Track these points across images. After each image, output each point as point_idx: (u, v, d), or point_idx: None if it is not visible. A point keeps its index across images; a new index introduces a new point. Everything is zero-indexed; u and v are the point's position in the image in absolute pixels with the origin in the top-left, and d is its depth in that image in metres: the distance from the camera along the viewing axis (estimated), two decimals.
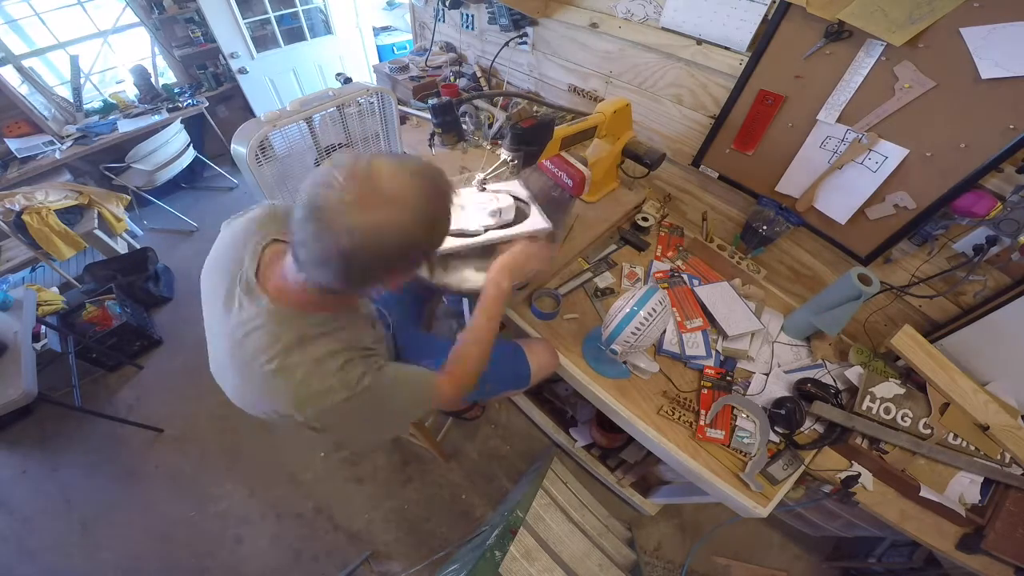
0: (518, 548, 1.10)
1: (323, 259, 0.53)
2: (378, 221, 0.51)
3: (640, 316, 0.87)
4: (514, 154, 0.97)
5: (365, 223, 0.51)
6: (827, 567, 1.58)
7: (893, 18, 0.83)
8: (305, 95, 1.51)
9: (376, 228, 0.51)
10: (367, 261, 0.53)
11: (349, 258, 0.52)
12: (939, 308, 1.09)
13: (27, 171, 2.54)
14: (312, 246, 0.53)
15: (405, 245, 0.54)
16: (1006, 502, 0.93)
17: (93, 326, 2.13)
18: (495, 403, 1.99)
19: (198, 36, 3.13)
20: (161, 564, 1.64)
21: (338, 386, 0.61)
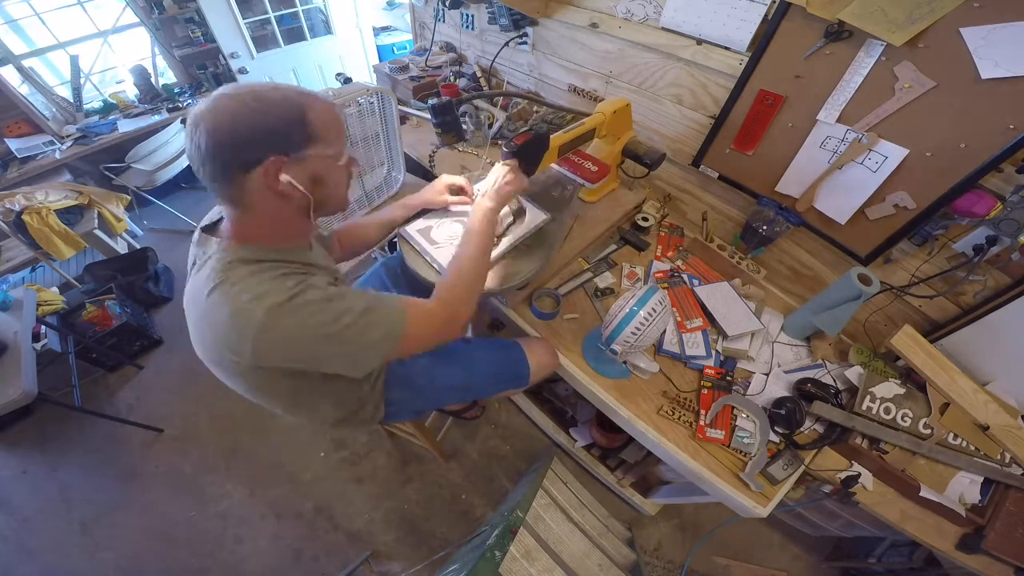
0: (518, 548, 1.10)
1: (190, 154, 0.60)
2: (214, 105, 0.58)
3: (640, 316, 0.87)
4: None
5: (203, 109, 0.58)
6: (827, 567, 1.58)
7: (893, 18, 0.83)
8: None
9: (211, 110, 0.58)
10: (208, 141, 0.58)
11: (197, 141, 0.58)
12: (939, 308, 1.09)
13: (27, 171, 2.55)
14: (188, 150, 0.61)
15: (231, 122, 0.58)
16: (1006, 502, 0.93)
17: (93, 326, 2.13)
18: (495, 403, 1.99)
19: (198, 36, 3.13)
20: (161, 564, 1.64)
21: (272, 289, 0.61)
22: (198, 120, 0.58)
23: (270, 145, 0.61)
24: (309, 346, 0.64)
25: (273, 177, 0.62)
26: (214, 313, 0.62)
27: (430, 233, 1.09)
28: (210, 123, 0.57)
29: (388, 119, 1.37)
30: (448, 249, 1.05)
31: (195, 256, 0.71)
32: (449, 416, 1.81)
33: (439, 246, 1.05)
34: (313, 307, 0.63)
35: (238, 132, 0.58)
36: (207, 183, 0.62)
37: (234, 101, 0.59)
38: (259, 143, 0.60)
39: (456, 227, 1.11)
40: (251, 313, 0.60)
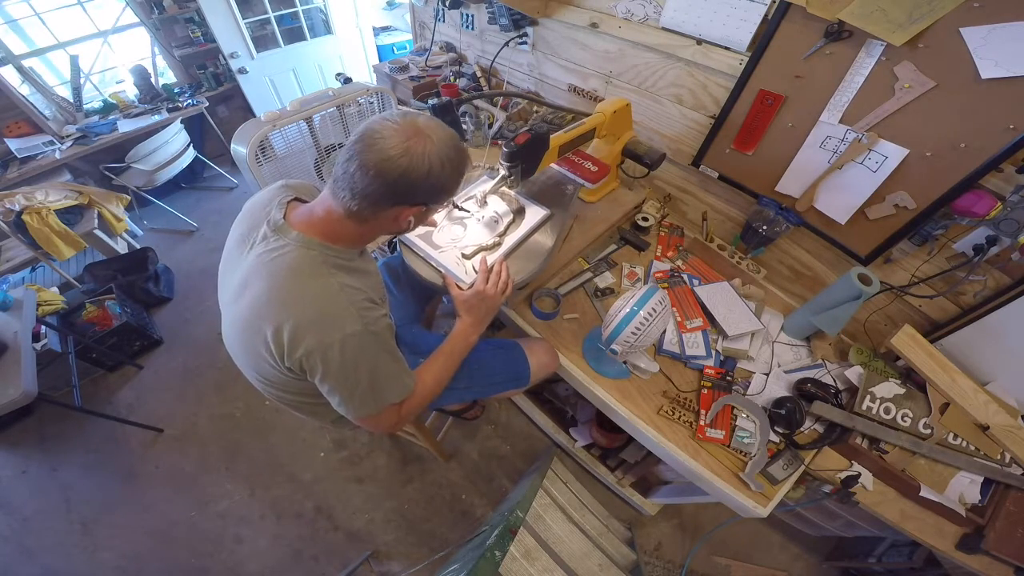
0: (518, 548, 1.10)
1: (357, 169, 0.63)
2: (412, 147, 0.63)
3: (640, 316, 0.87)
4: (511, 169, 0.99)
5: (403, 145, 0.63)
6: (827, 567, 1.58)
7: (893, 18, 0.83)
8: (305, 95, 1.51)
9: (408, 151, 0.63)
10: (391, 177, 0.63)
11: (380, 170, 0.62)
12: (939, 308, 1.09)
13: (27, 171, 2.54)
14: (353, 158, 0.64)
15: (422, 174, 0.64)
16: (1006, 502, 0.93)
17: (93, 326, 2.13)
18: (495, 403, 1.99)
19: (198, 36, 3.13)
20: (161, 564, 1.64)
21: (356, 316, 0.68)
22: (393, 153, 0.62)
23: (431, 198, 0.70)
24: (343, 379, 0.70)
25: (405, 215, 0.70)
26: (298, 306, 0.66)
27: (431, 237, 1.09)
28: (405, 164, 0.62)
29: None
30: (451, 252, 1.05)
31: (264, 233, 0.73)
32: (449, 416, 1.81)
33: (442, 250, 1.06)
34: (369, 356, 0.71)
35: (421, 183, 0.65)
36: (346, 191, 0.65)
37: (430, 153, 0.64)
38: (426, 195, 0.68)
39: (457, 229, 1.11)
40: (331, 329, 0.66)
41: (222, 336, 0.82)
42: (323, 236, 0.71)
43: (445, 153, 0.66)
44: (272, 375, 0.75)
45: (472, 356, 1.09)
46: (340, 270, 0.71)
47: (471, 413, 1.91)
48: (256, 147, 1.38)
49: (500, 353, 1.09)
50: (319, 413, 0.91)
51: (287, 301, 0.67)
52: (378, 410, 0.76)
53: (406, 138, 0.63)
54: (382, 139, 0.62)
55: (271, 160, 1.46)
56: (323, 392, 0.74)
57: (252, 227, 0.76)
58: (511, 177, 1.00)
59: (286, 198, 0.78)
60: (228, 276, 0.79)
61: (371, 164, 0.62)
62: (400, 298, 1.22)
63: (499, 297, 0.94)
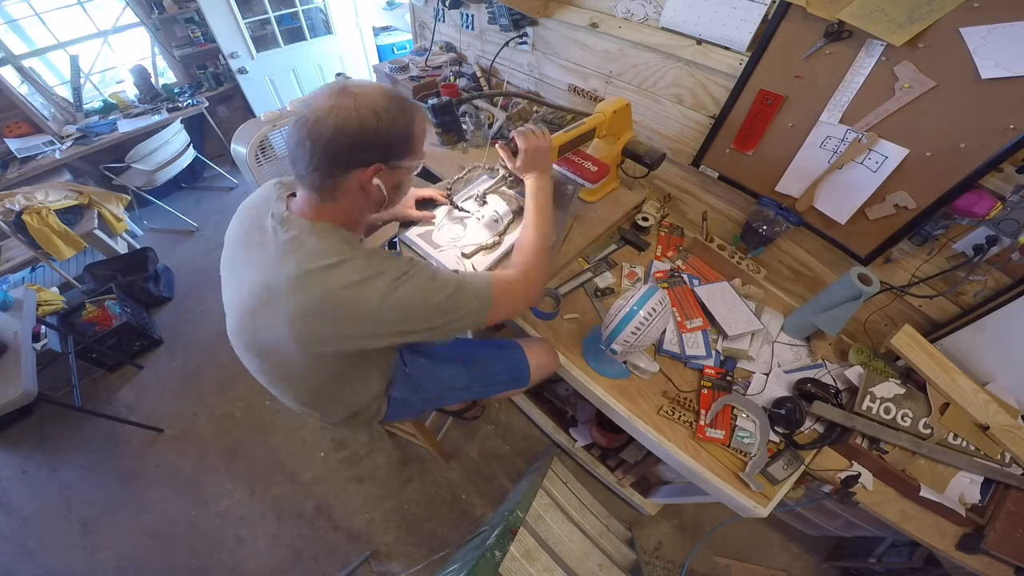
0: (518, 548, 1.10)
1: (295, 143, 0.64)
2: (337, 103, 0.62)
3: (640, 316, 0.86)
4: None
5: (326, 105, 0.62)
6: (827, 567, 1.58)
7: (893, 18, 0.83)
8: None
9: (333, 108, 0.62)
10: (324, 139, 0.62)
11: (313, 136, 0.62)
12: (939, 308, 1.09)
13: (27, 171, 2.55)
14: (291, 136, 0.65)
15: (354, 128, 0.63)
16: (1006, 502, 0.93)
17: (93, 326, 2.13)
18: (495, 403, 1.99)
19: (198, 36, 3.13)
20: (161, 564, 1.64)
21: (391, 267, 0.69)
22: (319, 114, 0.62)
23: (380, 153, 0.67)
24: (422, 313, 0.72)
25: (368, 179, 0.68)
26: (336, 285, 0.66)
27: (432, 237, 1.09)
28: (332, 121, 0.62)
29: None
30: (451, 251, 1.06)
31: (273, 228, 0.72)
32: (449, 416, 1.81)
33: (442, 249, 1.06)
34: (423, 281, 0.71)
35: (358, 138, 0.63)
36: (301, 168, 0.66)
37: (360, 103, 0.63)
38: (372, 149, 0.66)
39: (457, 228, 1.11)
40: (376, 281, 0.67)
41: (228, 335, 0.81)
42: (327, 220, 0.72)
43: (377, 103, 0.64)
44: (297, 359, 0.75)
45: (472, 356, 1.09)
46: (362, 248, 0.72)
47: (471, 413, 1.91)
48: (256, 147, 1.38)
49: (500, 353, 1.09)
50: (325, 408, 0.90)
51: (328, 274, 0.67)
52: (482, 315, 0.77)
53: (330, 98, 0.63)
54: (310, 109, 0.63)
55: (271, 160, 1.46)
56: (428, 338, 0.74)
57: (253, 224, 0.76)
58: (511, 176, 1.00)
59: (283, 193, 0.78)
60: (234, 275, 0.78)
61: (305, 135, 0.63)
62: None
63: (544, 139, 0.96)
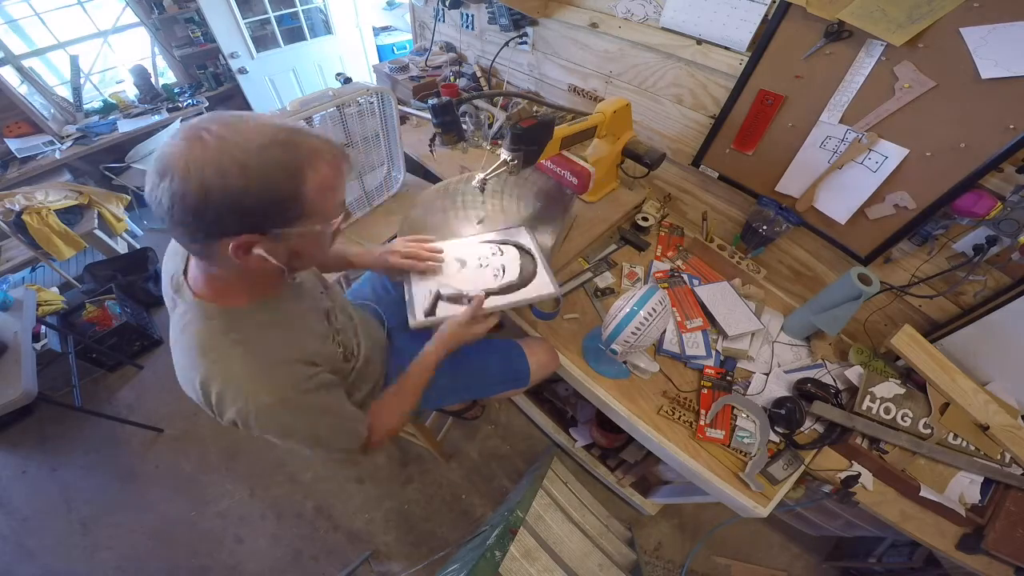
0: (518, 548, 1.10)
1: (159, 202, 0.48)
2: (188, 154, 0.47)
3: (640, 316, 0.86)
4: (514, 154, 0.97)
5: (175, 152, 0.47)
6: (827, 567, 1.58)
7: (893, 18, 0.83)
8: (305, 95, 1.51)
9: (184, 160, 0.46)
10: (170, 206, 0.48)
11: (160, 200, 0.48)
12: (939, 308, 1.09)
13: (27, 171, 2.55)
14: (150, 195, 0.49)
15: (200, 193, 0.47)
16: (1006, 502, 0.93)
17: (93, 326, 2.13)
18: (495, 403, 1.99)
19: (198, 36, 3.13)
20: (161, 564, 1.64)
21: (267, 386, 0.60)
22: (172, 168, 0.46)
23: (247, 222, 0.51)
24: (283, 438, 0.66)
25: (243, 252, 0.53)
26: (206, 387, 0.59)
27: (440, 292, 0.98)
28: (179, 185, 0.46)
29: (388, 119, 1.37)
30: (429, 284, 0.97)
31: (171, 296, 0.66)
32: (449, 416, 1.81)
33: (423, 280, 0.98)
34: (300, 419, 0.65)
35: (209, 205, 0.47)
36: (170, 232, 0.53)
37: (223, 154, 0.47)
38: (234, 218, 0.50)
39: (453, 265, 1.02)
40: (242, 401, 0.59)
41: None
42: (216, 298, 0.62)
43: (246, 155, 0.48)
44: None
45: (472, 356, 1.09)
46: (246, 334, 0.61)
47: (471, 413, 1.91)
48: None
49: (500, 353, 1.09)
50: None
51: (200, 378, 0.59)
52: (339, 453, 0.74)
53: (181, 144, 0.47)
54: (159, 154, 0.48)
55: None
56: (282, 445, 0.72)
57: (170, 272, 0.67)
58: (513, 162, 0.98)
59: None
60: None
61: (160, 196, 0.48)
62: (397, 299, 1.22)
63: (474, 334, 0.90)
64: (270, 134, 0.50)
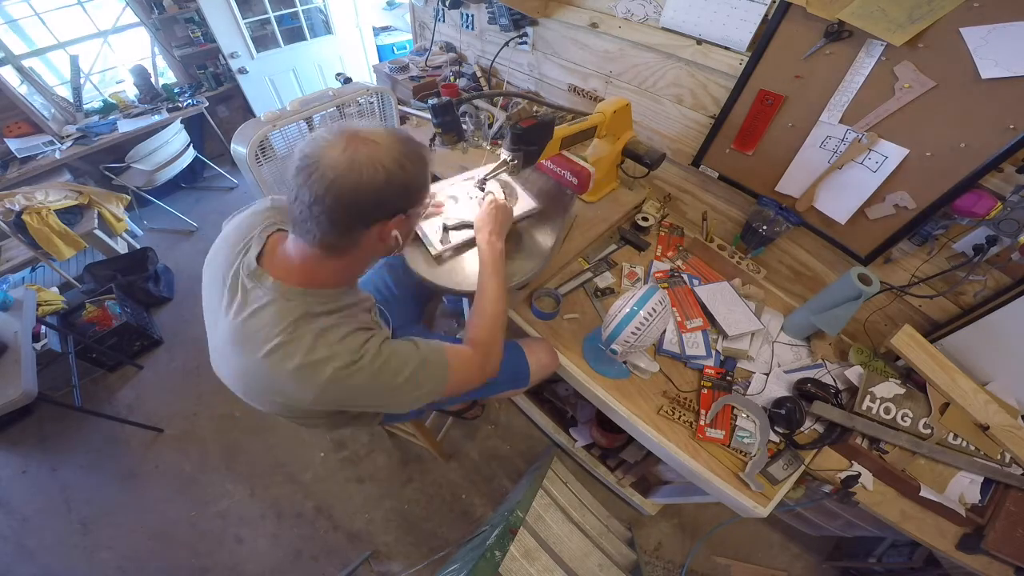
0: (518, 548, 1.10)
1: (311, 202, 0.57)
2: (356, 156, 0.56)
3: (640, 316, 0.87)
4: (514, 154, 0.98)
5: (344, 158, 0.56)
6: (827, 567, 1.58)
7: (893, 18, 0.83)
8: (305, 95, 1.51)
9: (353, 162, 0.56)
10: (348, 197, 0.57)
11: (333, 194, 0.56)
12: (939, 308, 1.09)
13: (27, 171, 2.54)
14: (301, 193, 0.57)
15: (381, 182, 0.58)
16: (1006, 502, 0.93)
17: (93, 326, 2.13)
18: (495, 403, 1.99)
19: (198, 36, 3.13)
20: (161, 564, 1.64)
21: (340, 352, 0.63)
22: (340, 171, 0.55)
23: (404, 203, 0.63)
24: (367, 400, 0.69)
25: (389, 230, 0.64)
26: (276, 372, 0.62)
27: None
28: (356, 178, 0.56)
29: (388, 119, 1.37)
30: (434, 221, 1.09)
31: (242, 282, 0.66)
32: (449, 416, 1.82)
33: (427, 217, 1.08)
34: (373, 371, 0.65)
35: (385, 192, 0.59)
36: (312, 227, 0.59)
37: (382, 158, 0.57)
38: (395, 203, 0.62)
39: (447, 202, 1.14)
40: (318, 373, 0.62)
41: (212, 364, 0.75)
42: (304, 282, 0.65)
43: (398, 151, 0.59)
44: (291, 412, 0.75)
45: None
46: (321, 316, 0.65)
47: (471, 413, 1.91)
48: (256, 147, 1.38)
49: None
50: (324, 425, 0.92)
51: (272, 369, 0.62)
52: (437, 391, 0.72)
53: (345, 149, 0.56)
54: (322, 160, 0.56)
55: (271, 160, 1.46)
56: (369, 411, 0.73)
57: (230, 263, 0.69)
58: (513, 162, 0.99)
59: (269, 228, 0.71)
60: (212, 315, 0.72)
61: (322, 192, 0.56)
62: (400, 298, 1.22)
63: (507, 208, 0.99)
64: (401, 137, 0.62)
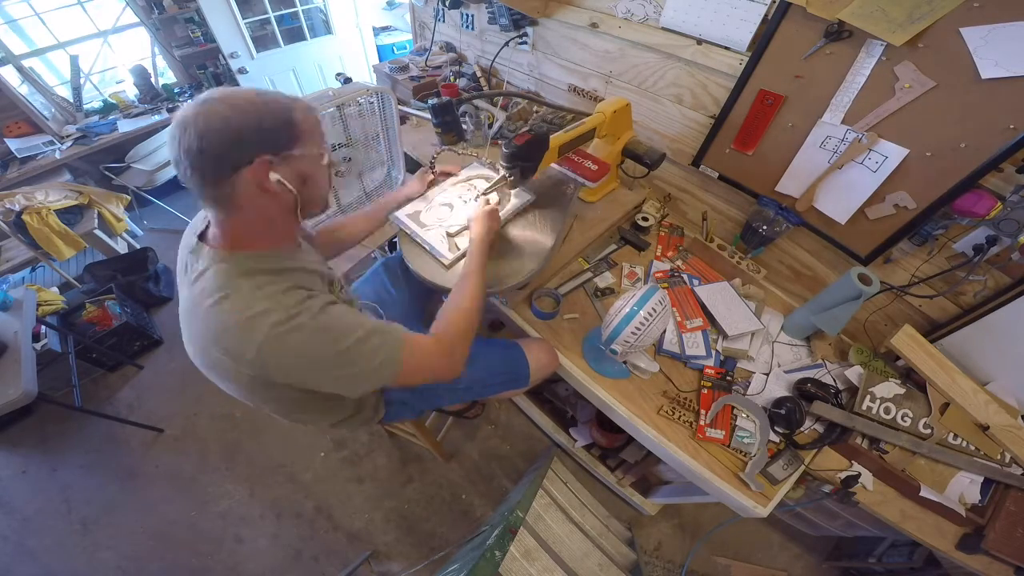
0: (518, 548, 1.10)
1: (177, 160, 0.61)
2: (202, 109, 0.59)
3: (640, 316, 0.87)
4: (510, 170, 0.99)
5: (192, 112, 0.59)
6: (827, 567, 1.58)
7: (893, 18, 0.83)
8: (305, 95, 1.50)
9: (198, 114, 0.59)
10: (197, 144, 0.59)
11: (186, 146, 0.59)
12: (939, 308, 1.09)
13: (27, 171, 2.54)
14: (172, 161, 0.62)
15: (220, 125, 0.59)
16: (1006, 502, 0.93)
17: (93, 326, 2.13)
18: (495, 403, 1.99)
19: (198, 36, 3.13)
20: (161, 564, 1.64)
21: (275, 307, 0.62)
22: (187, 123, 0.58)
23: (260, 145, 0.62)
24: (309, 366, 0.65)
25: (263, 175, 0.63)
26: (217, 325, 0.63)
27: (419, 217, 1.11)
28: (201, 125, 0.58)
29: (388, 119, 1.37)
30: (437, 231, 1.08)
31: (187, 262, 0.71)
32: (449, 416, 1.81)
33: (429, 228, 1.08)
34: (314, 328, 0.63)
35: (229, 133, 0.60)
36: (193, 185, 0.62)
37: (223, 104, 0.60)
38: (249, 143, 0.62)
39: (443, 210, 1.14)
40: (255, 328, 0.61)
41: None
42: (230, 246, 0.67)
43: (245, 98, 0.62)
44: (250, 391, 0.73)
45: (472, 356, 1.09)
46: (257, 274, 0.66)
47: (471, 413, 1.91)
48: None
49: (500, 353, 1.09)
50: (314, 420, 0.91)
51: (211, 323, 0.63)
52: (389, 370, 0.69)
53: (197, 106, 0.60)
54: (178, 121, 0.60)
55: None
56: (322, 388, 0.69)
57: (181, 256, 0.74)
58: (510, 177, 1.00)
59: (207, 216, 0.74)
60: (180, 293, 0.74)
61: (180, 148, 0.60)
62: (400, 298, 1.22)
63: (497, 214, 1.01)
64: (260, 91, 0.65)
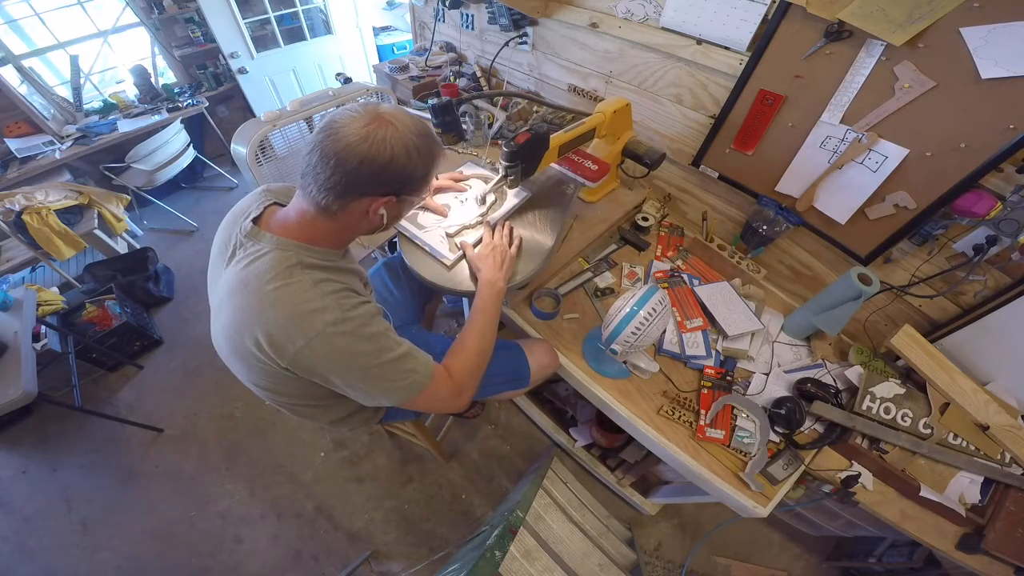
0: (518, 548, 1.10)
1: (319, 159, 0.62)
2: (373, 132, 0.61)
3: (640, 316, 0.86)
4: (510, 170, 0.99)
5: (362, 131, 0.61)
6: (827, 567, 1.58)
7: (893, 18, 0.83)
8: (305, 95, 1.51)
9: (368, 136, 0.61)
10: (351, 164, 0.61)
11: (340, 158, 0.61)
12: (939, 308, 1.09)
13: (27, 171, 2.54)
14: (315, 149, 0.63)
15: (385, 160, 0.62)
16: (1006, 502, 0.93)
17: (93, 326, 2.13)
18: (495, 403, 1.99)
19: (198, 36, 3.13)
20: (161, 564, 1.64)
21: (332, 306, 0.65)
22: (352, 139, 0.60)
23: (397, 187, 0.67)
24: (347, 368, 0.68)
25: (379, 205, 0.67)
26: (270, 309, 0.64)
27: (417, 219, 1.12)
28: (364, 149, 0.60)
29: None
30: (435, 232, 1.09)
31: (237, 244, 0.71)
32: (449, 416, 1.81)
33: (427, 230, 1.09)
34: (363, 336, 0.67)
35: (384, 171, 0.63)
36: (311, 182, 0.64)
37: (396, 138, 0.62)
38: (392, 183, 0.65)
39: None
40: (309, 323, 0.63)
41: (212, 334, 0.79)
42: (299, 238, 0.70)
43: (410, 140, 0.64)
44: (270, 379, 0.74)
45: None
46: (316, 269, 0.69)
47: (471, 412, 1.91)
48: (256, 147, 1.38)
49: (500, 353, 1.09)
50: (318, 415, 0.91)
51: (265, 306, 0.64)
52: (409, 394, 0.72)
53: (365, 124, 0.61)
54: (342, 127, 0.61)
55: (271, 160, 1.47)
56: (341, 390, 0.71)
57: (230, 234, 0.74)
58: (510, 177, 1.00)
59: (264, 202, 0.77)
60: (213, 284, 0.78)
61: (331, 153, 0.61)
62: (400, 298, 1.22)
63: (507, 244, 1.00)
64: (421, 127, 0.67)
